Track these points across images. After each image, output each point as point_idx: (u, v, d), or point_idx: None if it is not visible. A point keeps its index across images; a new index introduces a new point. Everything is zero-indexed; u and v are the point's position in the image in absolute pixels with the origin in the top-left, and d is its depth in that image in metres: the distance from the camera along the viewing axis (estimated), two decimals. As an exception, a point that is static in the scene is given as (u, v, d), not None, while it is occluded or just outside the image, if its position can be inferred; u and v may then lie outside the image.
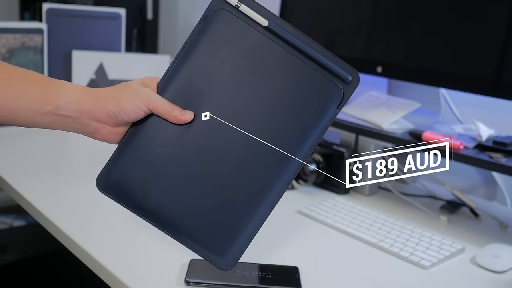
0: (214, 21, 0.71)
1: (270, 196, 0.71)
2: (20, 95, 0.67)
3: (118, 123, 0.70)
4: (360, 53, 1.32)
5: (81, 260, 0.93)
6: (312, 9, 1.43)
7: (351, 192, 1.26)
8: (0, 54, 1.44)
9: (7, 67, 0.69)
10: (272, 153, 0.70)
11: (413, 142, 1.12)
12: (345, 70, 0.71)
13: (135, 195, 0.70)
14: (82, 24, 1.60)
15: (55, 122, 0.69)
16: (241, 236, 0.71)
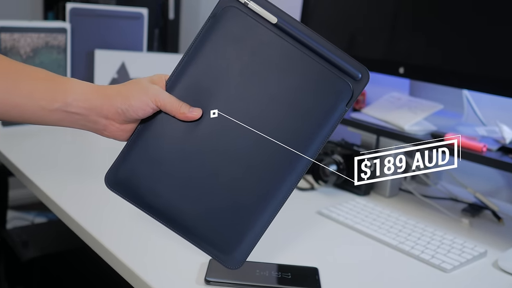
0: (223, 19, 0.71)
1: (279, 195, 0.71)
2: (29, 92, 0.67)
3: (126, 120, 0.70)
4: (382, 54, 1.31)
5: (102, 257, 0.94)
6: (334, 8, 1.43)
7: (372, 193, 1.26)
8: (25, 53, 1.46)
9: (16, 64, 0.69)
10: (281, 151, 0.69)
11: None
12: (355, 67, 0.70)
13: (143, 192, 0.70)
14: (105, 24, 1.61)
15: (64, 119, 0.69)
16: (249, 235, 0.70)
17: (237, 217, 0.70)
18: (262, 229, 0.71)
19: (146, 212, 0.71)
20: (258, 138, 0.69)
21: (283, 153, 0.69)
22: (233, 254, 0.70)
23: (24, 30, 1.46)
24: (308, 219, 1.09)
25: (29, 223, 2.45)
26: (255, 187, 0.70)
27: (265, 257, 0.90)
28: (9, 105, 0.67)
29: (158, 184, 0.70)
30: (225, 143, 0.69)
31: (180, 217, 0.70)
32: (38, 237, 1.57)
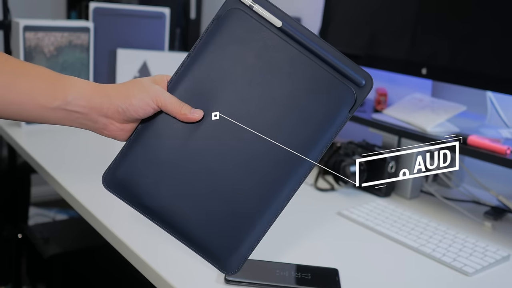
0: (227, 20, 0.70)
1: (279, 199, 0.70)
2: (28, 90, 0.66)
3: (126, 119, 0.69)
4: (404, 54, 1.29)
5: (123, 255, 0.94)
6: (356, 7, 1.42)
7: (392, 195, 1.25)
8: (49, 51, 1.48)
9: (16, 61, 0.68)
10: (283, 155, 0.68)
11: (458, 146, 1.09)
12: (359, 74, 0.70)
13: (141, 194, 0.69)
14: (127, 23, 1.63)
15: (64, 117, 0.69)
16: (247, 240, 0.70)
17: (235, 221, 0.69)
18: (260, 234, 0.70)
19: (143, 214, 0.70)
20: (259, 141, 0.68)
21: (284, 157, 0.68)
22: (230, 259, 0.69)
23: (48, 29, 1.47)
24: (328, 220, 1.09)
25: (50, 220, 2.48)
26: (255, 191, 0.68)
27: (285, 257, 0.90)
28: (8, 102, 0.66)
29: (156, 186, 0.69)
30: (226, 146, 0.69)
31: (176, 219, 0.70)
32: (59, 234, 1.59)
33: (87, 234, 1.58)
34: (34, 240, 1.55)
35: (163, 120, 0.70)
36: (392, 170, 1.21)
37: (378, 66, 1.37)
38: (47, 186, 2.30)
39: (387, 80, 1.55)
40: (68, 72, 1.52)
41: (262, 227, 0.70)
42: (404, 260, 0.95)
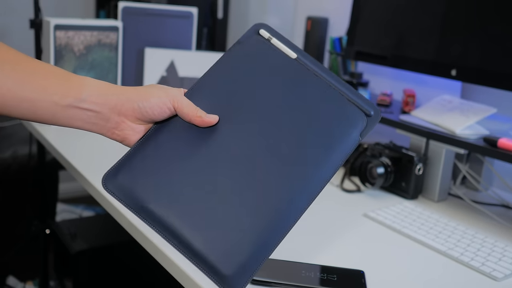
0: (247, 43, 0.75)
1: (288, 216, 0.66)
2: (42, 87, 0.65)
3: (140, 117, 0.68)
4: (433, 55, 1.28)
5: (149, 252, 0.95)
6: (384, 6, 1.41)
7: (420, 197, 1.23)
8: (78, 50, 1.50)
9: (30, 60, 0.68)
10: (295, 169, 0.67)
11: (488, 148, 1.08)
12: (368, 105, 0.73)
13: (144, 197, 0.66)
14: (156, 23, 1.64)
15: (74, 116, 0.67)
16: (253, 257, 0.64)
17: (241, 236, 0.64)
18: (266, 251, 0.64)
19: (142, 218, 0.66)
20: (271, 156, 0.67)
21: (296, 172, 0.67)
22: (234, 274, 0.63)
23: (78, 28, 1.49)
24: (355, 221, 1.08)
25: (77, 216, 2.51)
26: (265, 204, 0.66)
27: (310, 258, 0.90)
28: (20, 99, 0.65)
29: (161, 191, 0.66)
30: (238, 158, 0.68)
31: (178, 227, 0.64)
32: (86, 230, 1.61)
33: (113, 230, 1.59)
34: (61, 236, 1.57)
35: (177, 125, 0.70)
36: (419, 172, 1.20)
37: (406, 67, 1.36)
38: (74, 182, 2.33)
39: (415, 81, 1.53)
40: (97, 70, 1.54)
41: (270, 242, 0.65)
42: (431, 263, 0.94)
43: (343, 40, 1.64)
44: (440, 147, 1.20)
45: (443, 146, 1.19)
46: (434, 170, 1.22)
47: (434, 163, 1.22)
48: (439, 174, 1.21)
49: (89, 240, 1.53)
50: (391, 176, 1.21)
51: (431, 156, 1.22)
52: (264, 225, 0.64)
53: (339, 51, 1.66)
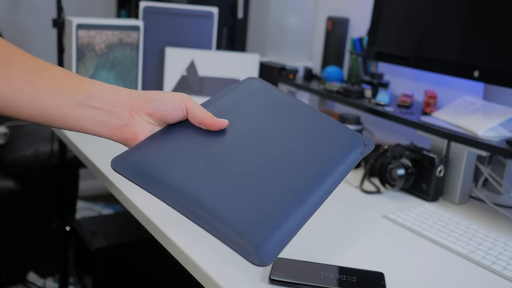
0: (245, 83, 0.83)
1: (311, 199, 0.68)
2: (52, 85, 0.65)
3: (152, 113, 0.67)
4: (455, 56, 1.27)
5: (169, 250, 0.95)
6: (405, 7, 1.40)
7: (440, 199, 1.22)
8: (100, 49, 1.51)
9: (40, 61, 0.68)
10: (297, 182, 0.67)
11: (510, 151, 1.06)
12: (362, 137, 0.78)
13: (155, 170, 0.64)
14: (176, 22, 1.65)
15: (84, 116, 0.66)
16: (283, 230, 0.60)
17: (269, 209, 0.62)
18: (295, 225, 0.64)
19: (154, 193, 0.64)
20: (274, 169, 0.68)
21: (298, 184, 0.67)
22: (261, 247, 0.58)
23: (100, 28, 1.50)
24: (374, 223, 1.08)
25: (97, 214, 2.54)
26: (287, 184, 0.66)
27: (329, 259, 0.89)
28: (30, 98, 0.64)
29: (176, 164, 0.65)
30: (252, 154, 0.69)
31: (198, 195, 0.61)
32: (105, 228, 1.62)
33: (132, 228, 1.61)
34: (81, 233, 1.58)
35: (186, 127, 0.70)
36: (440, 174, 1.19)
37: (427, 68, 1.35)
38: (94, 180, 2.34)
39: (437, 82, 1.52)
40: (117, 69, 1.56)
41: (297, 216, 0.64)
42: (452, 266, 0.93)
43: (363, 41, 1.63)
44: (461, 149, 1.19)
45: (465, 148, 1.17)
46: (455, 172, 1.20)
47: (456, 165, 1.20)
48: (460, 176, 1.20)
49: (109, 237, 1.54)
50: (411, 177, 1.20)
51: (453, 158, 1.21)
52: (290, 198, 0.65)
53: (359, 52, 1.65)
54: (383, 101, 1.40)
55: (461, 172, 1.20)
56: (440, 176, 1.19)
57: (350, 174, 1.33)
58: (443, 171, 1.19)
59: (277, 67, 1.71)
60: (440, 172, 1.19)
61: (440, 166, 1.18)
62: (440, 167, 1.18)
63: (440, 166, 1.18)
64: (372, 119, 1.66)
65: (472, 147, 1.14)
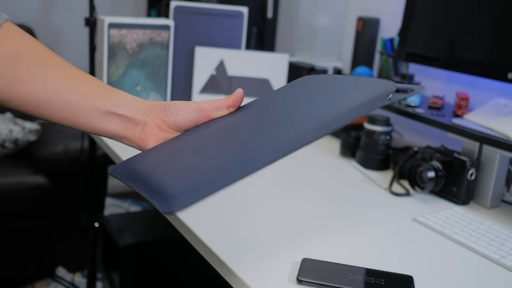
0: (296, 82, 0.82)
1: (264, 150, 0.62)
2: (86, 92, 0.70)
3: (166, 119, 0.72)
4: (488, 57, 1.24)
5: (196, 248, 0.96)
6: (437, 7, 1.38)
7: (471, 203, 1.20)
8: (131, 48, 1.53)
9: (73, 67, 0.73)
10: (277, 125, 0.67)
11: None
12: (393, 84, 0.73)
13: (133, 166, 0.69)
14: (206, 22, 1.65)
15: (110, 121, 0.72)
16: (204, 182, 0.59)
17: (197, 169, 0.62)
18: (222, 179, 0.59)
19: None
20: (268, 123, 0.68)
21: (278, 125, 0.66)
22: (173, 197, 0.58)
23: (131, 27, 1.52)
24: (403, 225, 1.06)
25: (125, 211, 2.56)
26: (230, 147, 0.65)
27: (357, 261, 0.89)
28: (64, 103, 0.69)
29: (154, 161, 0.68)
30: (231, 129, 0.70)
31: (144, 170, 0.67)
32: (133, 225, 1.63)
33: (160, 225, 1.62)
34: (110, 229, 1.60)
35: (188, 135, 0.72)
36: (472, 177, 1.17)
37: (459, 69, 1.32)
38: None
39: (469, 84, 1.49)
40: (148, 68, 1.57)
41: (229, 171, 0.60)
42: (483, 271, 0.91)
43: (394, 41, 1.62)
44: (494, 152, 1.17)
45: (497, 151, 1.15)
46: (487, 175, 1.18)
47: (487, 169, 1.18)
48: (492, 179, 1.17)
49: (137, 234, 1.56)
50: (441, 180, 1.18)
51: (484, 161, 1.19)
52: (224, 158, 0.62)
53: (390, 52, 1.63)
54: (414, 102, 1.38)
55: (493, 175, 1.17)
56: (471, 179, 1.17)
57: (379, 176, 1.32)
58: (474, 174, 1.17)
59: (306, 67, 1.71)
60: (471, 176, 1.17)
61: (472, 169, 1.16)
62: (471, 170, 1.16)
63: (471, 169, 1.16)
64: (402, 121, 1.64)
65: (504, 150, 1.12)
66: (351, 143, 1.44)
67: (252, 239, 0.95)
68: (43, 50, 0.71)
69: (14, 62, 0.67)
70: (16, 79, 0.67)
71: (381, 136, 1.36)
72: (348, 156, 1.46)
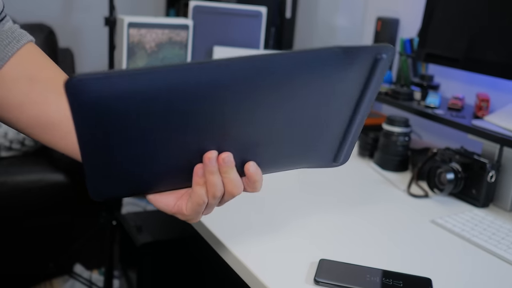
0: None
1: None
2: None
3: None
4: (509, 57, 1.22)
5: (213, 247, 0.96)
6: (458, 8, 1.36)
7: (491, 206, 1.19)
8: (150, 47, 1.53)
9: None
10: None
11: None
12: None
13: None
14: (225, 21, 1.66)
15: None
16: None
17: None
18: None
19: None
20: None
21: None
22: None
23: (150, 26, 1.53)
24: (421, 227, 1.06)
25: (142, 210, 2.58)
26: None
27: (375, 262, 0.88)
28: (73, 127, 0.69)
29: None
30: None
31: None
32: (150, 223, 1.64)
33: (177, 224, 1.62)
34: (127, 228, 1.61)
35: None
36: (492, 180, 1.15)
37: (479, 70, 1.31)
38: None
39: (489, 85, 1.48)
40: (166, 67, 1.58)
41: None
42: (503, 275, 0.90)
43: (414, 42, 1.60)
44: (514, 155, 1.15)
45: (518, 154, 1.14)
46: (508, 178, 1.17)
47: (508, 171, 1.17)
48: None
49: (154, 233, 1.56)
50: (461, 182, 1.17)
51: (505, 163, 1.18)
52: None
53: (409, 53, 1.62)
54: (433, 103, 1.37)
55: (514, 178, 1.16)
56: (491, 181, 1.16)
57: (397, 177, 1.31)
58: (494, 176, 1.16)
59: (325, 67, 1.70)
60: (492, 178, 1.15)
61: (492, 171, 1.15)
62: (491, 172, 1.15)
63: (491, 172, 1.15)
64: (421, 122, 1.63)
65: (526, 152, 1.11)
66: (369, 144, 1.43)
67: (270, 239, 0.95)
68: (60, 75, 0.71)
69: (29, 83, 0.68)
70: (29, 101, 0.67)
71: (400, 137, 1.35)
72: (366, 157, 1.45)
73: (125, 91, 0.50)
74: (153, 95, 0.52)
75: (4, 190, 2.06)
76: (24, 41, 0.69)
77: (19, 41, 0.69)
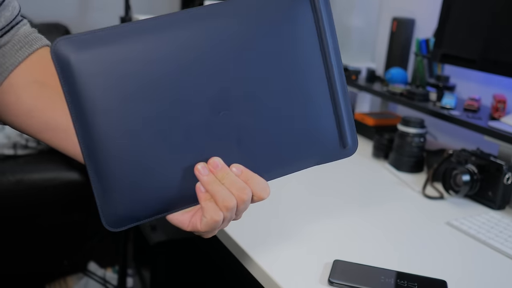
0: None
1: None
2: None
3: None
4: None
5: (227, 247, 0.96)
6: (475, 6, 1.35)
7: (507, 208, 1.17)
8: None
9: None
10: None
11: None
12: None
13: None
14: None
15: None
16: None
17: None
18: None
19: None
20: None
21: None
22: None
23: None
24: (437, 229, 1.05)
25: (156, 208, 2.59)
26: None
27: (390, 264, 0.88)
28: None
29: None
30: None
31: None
32: (164, 222, 1.65)
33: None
34: (141, 226, 1.62)
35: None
36: (508, 182, 1.14)
37: (496, 71, 1.30)
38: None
39: (506, 86, 1.46)
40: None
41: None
42: (519, 278, 0.89)
43: (429, 42, 1.59)
44: (532, 157, 1.14)
45: (536, 156, 1.13)
46: (524, 180, 1.16)
47: (525, 173, 1.16)
48: (529, 184, 1.15)
49: (168, 232, 1.57)
50: (477, 184, 1.16)
51: (522, 165, 1.16)
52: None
53: (425, 53, 1.61)
54: (449, 104, 1.36)
55: (531, 180, 1.15)
56: (508, 184, 1.14)
57: (412, 178, 1.31)
58: (511, 178, 1.15)
59: (339, 67, 1.69)
60: (508, 180, 1.14)
61: (508, 173, 1.14)
62: (508, 174, 1.14)
63: (508, 174, 1.14)
64: (436, 123, 1.62)
65: (543, 154, 1.10)
66: (384, 145, 1.43)
67: (285, 240, 0.95)
68: None
69: (38, 88, 0.67)
70: (38, 106, 0.66)
71: (415, 138, 1.34)
72: (381, 158, 1.44)
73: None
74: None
75: (20, 188, 2.08)
76: (37, 46, 0.68)
77: (31, 46, 0.68)
